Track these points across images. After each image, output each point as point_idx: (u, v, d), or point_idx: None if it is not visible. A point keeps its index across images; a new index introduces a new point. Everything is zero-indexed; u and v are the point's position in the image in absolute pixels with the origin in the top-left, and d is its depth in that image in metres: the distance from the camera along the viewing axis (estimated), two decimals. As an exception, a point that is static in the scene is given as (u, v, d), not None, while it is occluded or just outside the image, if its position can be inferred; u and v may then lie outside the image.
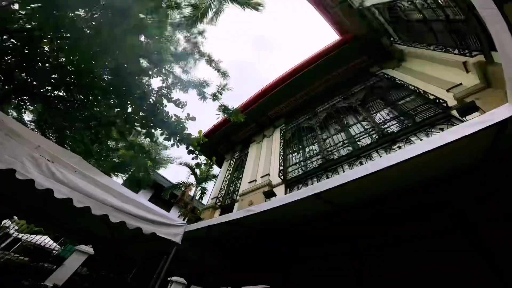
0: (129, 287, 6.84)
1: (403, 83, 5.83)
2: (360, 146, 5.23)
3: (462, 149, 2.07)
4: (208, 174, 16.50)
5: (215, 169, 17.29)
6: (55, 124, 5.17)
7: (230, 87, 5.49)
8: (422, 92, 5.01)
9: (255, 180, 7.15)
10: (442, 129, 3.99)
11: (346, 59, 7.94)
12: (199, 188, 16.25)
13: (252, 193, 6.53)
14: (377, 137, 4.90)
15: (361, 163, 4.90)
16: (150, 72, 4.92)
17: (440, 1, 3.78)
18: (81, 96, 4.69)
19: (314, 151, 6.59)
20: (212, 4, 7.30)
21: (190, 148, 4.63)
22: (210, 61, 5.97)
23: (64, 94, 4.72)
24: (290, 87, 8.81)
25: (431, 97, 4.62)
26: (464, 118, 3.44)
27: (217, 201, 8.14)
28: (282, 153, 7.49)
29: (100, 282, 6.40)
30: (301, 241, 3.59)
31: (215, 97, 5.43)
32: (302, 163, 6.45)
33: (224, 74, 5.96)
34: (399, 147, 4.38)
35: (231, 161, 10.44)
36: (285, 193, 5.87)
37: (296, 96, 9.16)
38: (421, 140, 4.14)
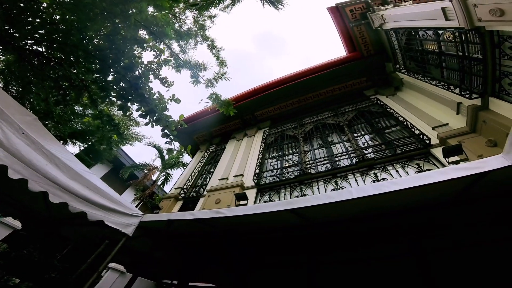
0: (53, 269, 6.18)
1: (393, 112, 6.07)
2: (338, 165, 5.31)
3: (441, 188, 2.18)
4: (176, 161, 15.87)
5: (186, 158, 16.71)
6: (22, 77, 4.66)
7: (228, 76, 5.39)
8: (409, 125, 5.24)
9: (227, 178, 6.96)
10: (418, 164, 4.21)
11: (345, 77, 8.13)
12: (164, 174, 15.57)
13: (222, 191, 6.35)
14: (356, 160, 5.01)
15: (336, 183, 4.99)
16: (145, 45, 4.60)
17: (467, 36, 3.96)
18: (61, 55, 4.23)
19: (293, 161, 6.60)
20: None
21: (166, 131, 4.39)
22: (212, 46, 5.85)
23: (44, 50, 4.25)
24: (284, 92, 8.79)
25: (416, 131, 4.85)
26: (446, 158, 3.63)
27: (182, 192, 7.79)
28: (260, 156, 7.41)
29: (19, 261, 5.69)
30: (265, 248, 3.52)
31: (209, 83, 5.26)
32: (278, 171, 6.41)
33: (222, 63, 5.85)
34: (375, 174, 4.53)
35: (206, 153, 10.13)
36: (256, 198, 5.78)
37: (287, 102, 9.17)
38: (397, 171, 4.33)
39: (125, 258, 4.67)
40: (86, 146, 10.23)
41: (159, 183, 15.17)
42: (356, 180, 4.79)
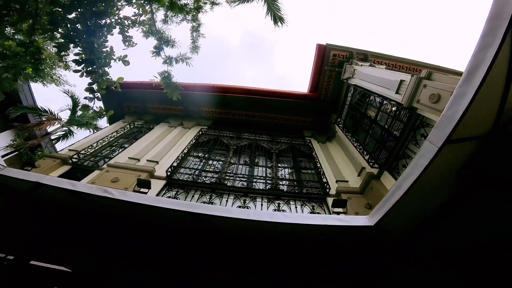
0: None
1: (316, 157, 6.93)
2: (253, 186, 5.61)
3: (315, 230, 2.60)
4: (89, 122, 13.66)
5: (103, 123, 14.65)
6: None
7: (191, 61, 5.29)
8: (322, 172, 6.06)
9: (138, 160, 6.41)
10: (313, 206, 4.94)
11: (295, 112, 8.92)
12: (66, 129, 13.09)
13: (126, 171, 5.79)
14: (269, 187, 5.41)
15: (244, 201, 5.22)
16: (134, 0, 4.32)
17: (400, 113, 4.85)
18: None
19: (215, 168, 6.62)
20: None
21: (94, 86, 4.01)
22: (195, 29, 5.74)
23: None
24: (237, 101, 8.99)
25: (324, 179, 5.62)
26: (333, 208, 4.30)
27: (75, 156, 6.69)
28: (186, 151, 7.20)
29: None
30: (140, 240, 3.28)
31: (168, 61, 5.11)
32: (197, 172, 6.30)
33: (195, 48, 5.82)
34: (279, 204, 5.01)
35: (128, 126, 9.21)
36: (161, 191, 5.48)
37: (236, 112, 9.39)
38: (296, 207, 4.91)
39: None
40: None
41: (53, 137, 12.59)
42: (262, 205, 5.13)
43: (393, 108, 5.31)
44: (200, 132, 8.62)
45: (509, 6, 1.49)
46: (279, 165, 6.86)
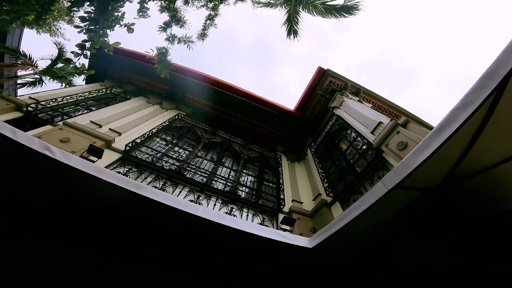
0: None
1: (280, 173, 6.98)
2: (212, 184, 5.46)
3: (259, 241, 2.57)
4: (65, 76, 12.50)
5: (78, 81, 13.54)
6: None
7: (193, 45, 5.24)
8: (282, 188, 6.10)
9: (100, 126, 5.94)
10: (264, 218, 4.97)
11: (276, 125, 8.97)
12: (37, 77, 11.82)
13: (82, 133, 5.31)
14: (227, 190, 5.30)
15: (198, 197, 5.03)
16: None
17: (367, 152, 5.14)
18: None
19: (179, 156, 6.35)
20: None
21: (87, 44, 3.85)
22: (211, 18, 5.73)
23: None
24: (224, 98, 8.76)
25: (282, 196, 5.66)
26: (281, 224, 4.30)
27: (33, 105, 6.02)
28: (155, 131, 6.84)
29: None
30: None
31: (171, 39, 5.07)
32: (159, 154, 5.98)
33: (203, 35, 5.83)
34: (232, 208, 4.91)
35: (104, 90, 8.59)
36: (112, 164, 5.11)
37: (220, 108, 9.17)
38: (248, 215, 4.83)
39: None
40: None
41: (20, 81, 11.29)
42: (215, 205, 4.98)
43: (364, 147, 5.59)
44: (177, 117, 8.31)
45: (503, 68, 1.48)
46: (244, 171, 6.79)
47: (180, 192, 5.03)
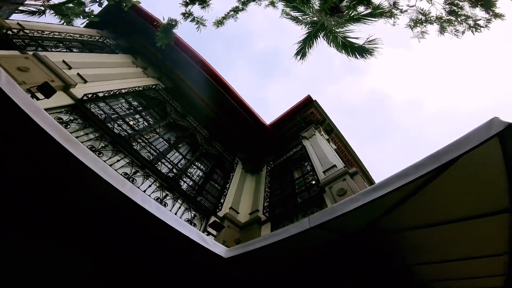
0: None
1: (230, 178, 6.93)
2: (156, 164, 5.15)
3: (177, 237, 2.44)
4: (69, 15, 11.04)
5: (77, 23, 12.16)
6: None
7: (203, 28, 5.16)
8: (225, 193, 6.04)
9: (69, 68, 5.40)
10: (195, 216, 4.76)
11: (246, 131, 8.92)
12: (42, 8, 10.21)
13: (45, 68, 4.79)
14: (170, 176, 5.06)
15: (135, 172, 4.67)
16: None
17: (311, 190, 5.40)
18: None
19: (137, 126, 5.90)
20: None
21: None
22: (236, 10, 5.75)
23: None
24: (209, 86, 8.42)
25: (222, 200, 5.62)
26: (209, 227, 4.20)
27: (15, 29, 5.38)
28: (124, 92, 6.35)
29: None
30: None
31: (187, 15, 5.03)
32: (114, 115, 5.47)
33: (220, 23, 5.78)
34: (166, 195, 4.69)
35: (100, 38, 7.95)
36: (57, 108, 4.54)
37: (201, 95, 8.73)
38: (180, 207, 4.64)
39: None
40: None
41: (21, 8, 9.63)
42: (150, 186, 4.66)
43: (312, 182, 5.85)
44: (154, 87, 7.76)
45: (448, 155, 1.59)
46: (197, 163, 6.57)
47: (118, 161, 4.61)
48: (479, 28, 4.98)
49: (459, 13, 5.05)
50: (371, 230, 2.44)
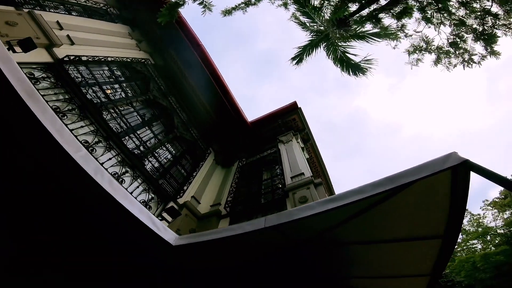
0: None
1: (198, 167, 6.74)
2: (123, 138, 4.83)
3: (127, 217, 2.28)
4: None
5: None
6: None
7: (208, 12, 4.91)
8: (190, 181, 5.86)
9: (60, 29, 5.06)
10: (152, 198, 4.56)
11: (226, 124, 8.72)
12: None
13: (34, 25, 4.44)
14: (136, 152, 4.79)
15: (97, 142, 4.33)
16: None
17: (275, 193, 5.39)
18: None
19: (113, 96, 5.50)
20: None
21: None
22: (248, 3, 5.50)
23: None
24: (199, 71, 7.90)
25: (185, 187, 5.44)
26: (165, 213, 4.02)
27: None
28: (109, 60, 5.99)
29: None
30: None
31: None
32: (92, 81, 5.05)
33: (228, 12, 5.53)
34: (126, 171, 4.42)
35: (103, 6, 7.32)
36: (33, 64, 4.15)
37: (188, 79, 8.23)
38: (138, 186, 4.39)
39: None
40: None
41: None
42: (110, 159, 4.34)
43: (279, 185, 5.90)
44: (143, 61, 7.26)
45: (403, 178, 1.64)
46: (167, 145, 6.30)
47: (82, 127, 4.24)
48: (471, 63, 5.04)
49: (459, 45, 5.04)
50: (321, 240, 2.49)
